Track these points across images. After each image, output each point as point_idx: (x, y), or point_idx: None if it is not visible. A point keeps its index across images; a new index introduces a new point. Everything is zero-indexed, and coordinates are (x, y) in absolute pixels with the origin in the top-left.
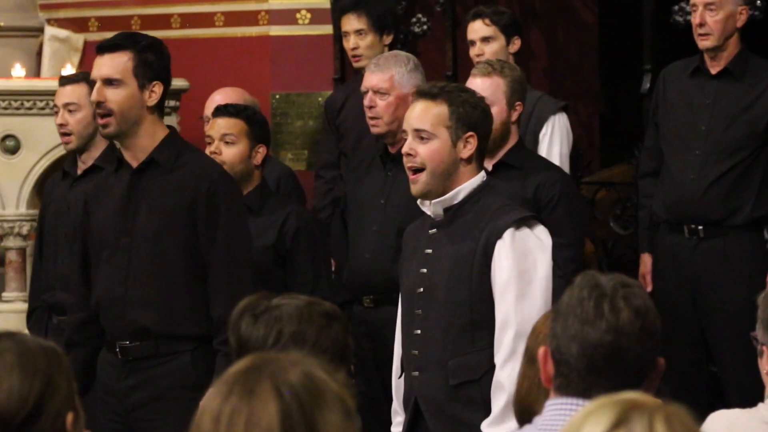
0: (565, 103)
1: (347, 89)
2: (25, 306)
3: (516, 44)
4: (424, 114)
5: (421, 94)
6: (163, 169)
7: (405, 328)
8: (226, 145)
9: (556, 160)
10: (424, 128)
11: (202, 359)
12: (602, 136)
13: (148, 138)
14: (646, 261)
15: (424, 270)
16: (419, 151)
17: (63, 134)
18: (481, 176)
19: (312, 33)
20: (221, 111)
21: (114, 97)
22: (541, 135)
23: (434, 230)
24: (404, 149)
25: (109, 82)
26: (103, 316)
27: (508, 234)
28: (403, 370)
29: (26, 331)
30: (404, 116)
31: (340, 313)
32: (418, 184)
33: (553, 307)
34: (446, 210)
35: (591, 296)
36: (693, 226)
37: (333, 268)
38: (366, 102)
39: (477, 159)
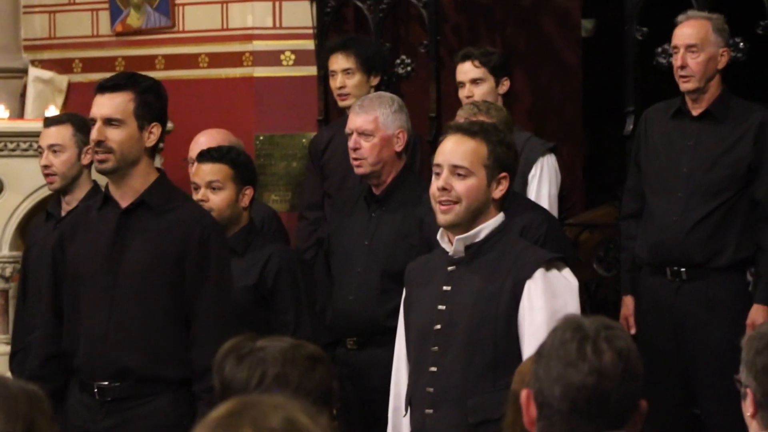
0: (554, 144)
1: (332, 130)
2: (7, 348)
3: (505, 85)
4: (463, 150)
5: (459, 129)
6: (154, 212)
7: (417, 365)
8: (212, 191)
9: (545, 202)
10: (464, 165)
11: (182, 401)
12: (586, 177)
13: (141, 179)
14: (629, 303)
15: (443, 307)
16: (455, 187)
17: (47, 175)
18: (501, 217)
19: (296, 74)
20: (205, 156)
21: (114, 136)
22: (530, 176)
23: (453, 267)
24: (439, 184)
25: (109, 121)
26: (80, 357)
27: (539, 273)
28: (406, 408)
29: (9, 374)
30: (387, 157)
31: (324, 355)
32: (450, 214)
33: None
34: (467, 248)
35: (574, 338)
36: (675, 268)
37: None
38: (351, 143)
39: (505, 200)
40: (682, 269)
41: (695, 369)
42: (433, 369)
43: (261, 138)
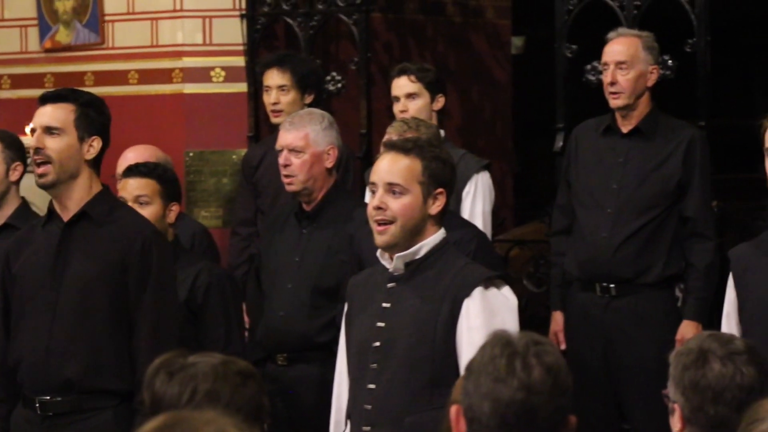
0: (489, 161)
1: (264, 146)
2: None
3: (440, 102)
4: (397, 168)
5: (393, 147)
6: (95, 223)
7: (356, 382)
8: (140, 206)
9: (479, 218)
10: (398, 182)
11: (124, 416)
12: (516, 194)
13: (83, 192)
14: (558, 319)
15: (382, 324)
16: (390, 205)
17: None
18: (442, 233)
19: (226, 91)
20: (132, 171)
21: (53, 144)
22: (464, 193)
23: (393, 284)
24: (374, 202)
25: (49, 130)
26: (23, 370)
27: (478, 292)
28: (346, 423)
29: None
30: (318, 174)
31: (255, 372)
32: (386, 235)
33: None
34: (407, 264)
35: (503, 354)
36: (605, 284)
37: (247, 326)
38: (281, 160)
39: (443, 215)
40: (612, 285)
41: (624, 384)
42: (372, 386)
43: (191, 154)
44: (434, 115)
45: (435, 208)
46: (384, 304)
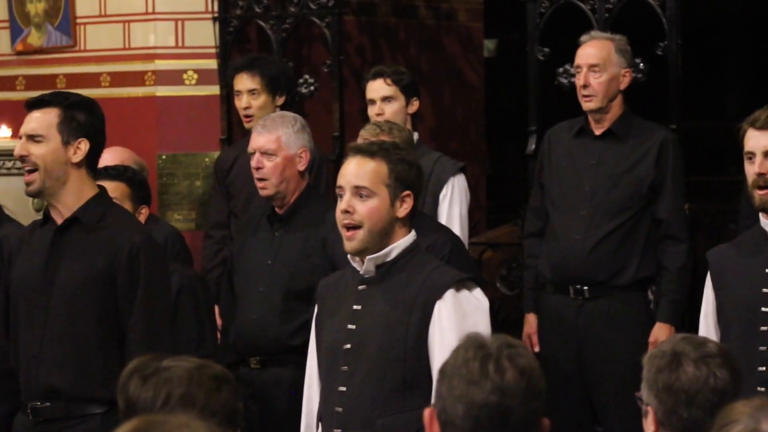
0: (464, 164)
1: (237, 149)
2: None
3: (415, 105)
4: (363, 171)
5: (359, 150)
6: (86, 228)
7: (327, 384)
8: None
9: (456, 221)
10: (365, 185)
11: (113, 423)
12: (488, 196)
13: (74, 195)
14: (531, 321)
15: (352, 326)
16: (357, 209)
17: None
18: (413, 236)
19: (199, 93)
20: (102, 174)
21: (36, 151)
22: (441, 196)
23: (364, 286)
24: (342, 206)
25: (32, 137)
26: (20, 375)
27: (449, 294)
28: (317, 426)
29: None
30: (290, 176)
31: (230, 376)
32: (354, 241)
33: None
34: (378, 267)
35: (476, 356)
36: (578, 286)
37: (219, 329)
38: (253, 163)
39: (411, 218)
40: (585, 287)
41: (597, 386)
42: (342, 389)
43: (164, 157)
44: (409, 118)
45: (403, 210)
46: (355, 306)
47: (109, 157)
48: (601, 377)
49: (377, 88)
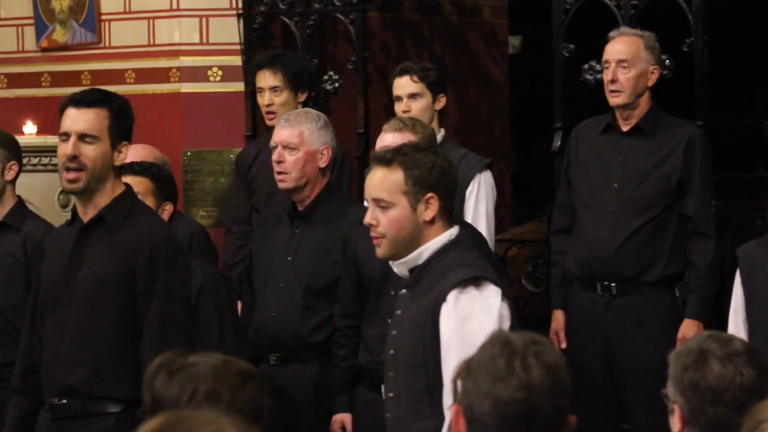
0: (491, 160)
1: (259, 145)
2: None
3: (441, 101)
4: (379, 182)
5: (376, 160)
6: (110, 228)
7: (384, 391)
8: None
9: (482, 218)
10: (382, 197)
11: (128, 422)
12: (513, 193)
13: (106, 196)
14: (559, 317)
15: (394, 332)
16: (380, 221)
17: None
18: (449, 234)
19: (223, 90)
20: (126, 169)
21: (89, 152)
22: (467, 193)
23: (403, 291)
24: (366, 219)
25: (84, 137)
26: (42, 371)
27: (452, 296)
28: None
29: None
30: (311, 172)
31: (255, 372)
32: (381, 248)
33: (464, 364)
34: (411, 270)
35: (502, 353)
36: (606, 283)
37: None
38: (275, 157)
39: (443, 217)
40: (613, 284)
41: (624, 383)
42: (391, 394)
43: (188, 153)
44: (436, 115)
45: (429, 213)
46: (397, 312)
47: (132, 155)
48: (628, 374)
49: (404, 85)
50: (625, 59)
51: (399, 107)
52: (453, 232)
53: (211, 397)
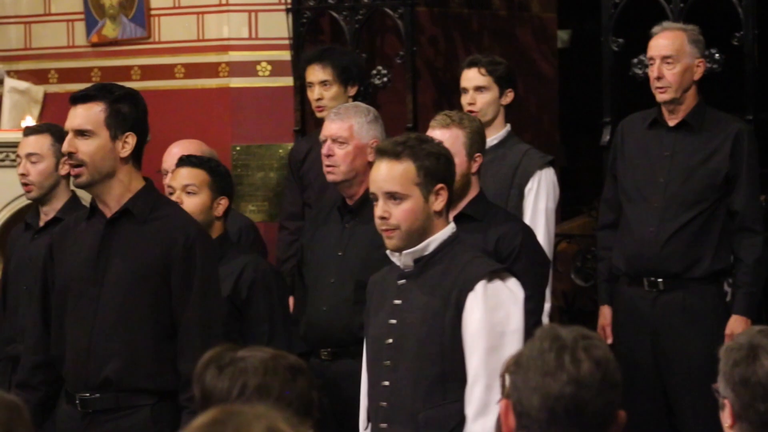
0: (552, 157)
1: (311, 140)
2: None
3: (509, 96)
4: (391, 175)
5: (383, 153)
6: (138, 220)
7: (372, 379)
8: (187, 195)
9: (541, 216)
10: (396, 190)
11: (163, 414)
12: (562, 188)
13: (123, 188)
14: (606, 313)
15: (393, 321)
16: (393, 213)
17: (24, 184)
18: (451, 228)
19: (272, 85)
20: (184, 161)
21: (85, 148)
22: (526, 189)
23: (403, 281)
24: (377, 213)
25: (80, 133)
26: (66, 366)
27: (480, 286)
28: (368, 421)
29: None
30: (360, 166)
31: (305, 366)
32: (393, 239)
33: (513, 359)
34: (416, 261)
35: (551, 348)
36: (653, 278)
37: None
38: (324, 150)
39: (446, 210)
40: (659, 280)
41: (672, 379)
42: (386, 383)
43: (238, 148)
44: (502, 109)
45: (438, 204)
46: (395, 301)
47: (178, 150)
48: (675, 370)
49: (471, 77)
50: (669, 55)
51: (465, 99)
52: (453, 226)
53: (261, 392)
